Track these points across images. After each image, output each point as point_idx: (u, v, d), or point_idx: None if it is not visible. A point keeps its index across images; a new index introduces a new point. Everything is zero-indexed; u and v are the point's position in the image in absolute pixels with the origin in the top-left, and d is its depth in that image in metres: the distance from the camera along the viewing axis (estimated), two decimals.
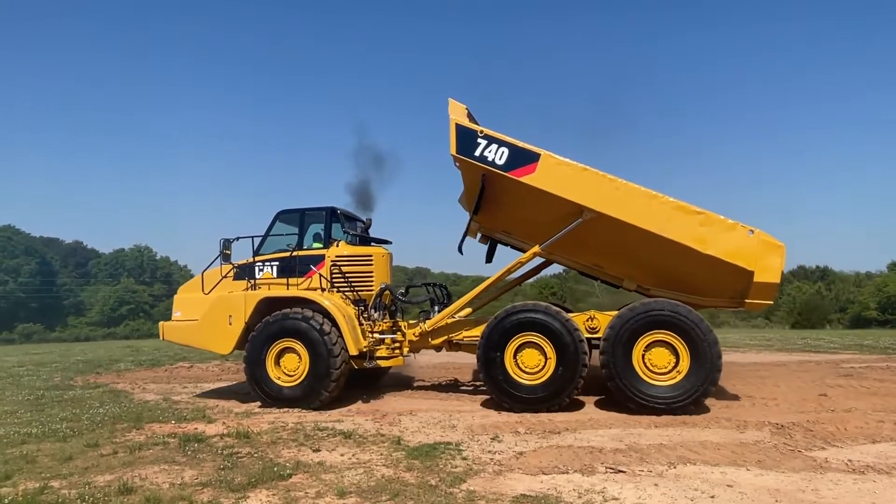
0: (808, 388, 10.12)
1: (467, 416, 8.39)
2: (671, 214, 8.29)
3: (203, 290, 10.11)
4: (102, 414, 8.93)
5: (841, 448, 6.33)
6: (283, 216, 10.27)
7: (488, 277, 9.95)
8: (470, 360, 14.20)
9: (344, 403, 9.49)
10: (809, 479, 5.28)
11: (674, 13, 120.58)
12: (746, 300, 8.46)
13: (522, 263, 9.60)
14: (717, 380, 8.20)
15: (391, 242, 11.29)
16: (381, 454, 6.42)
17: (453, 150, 8.81)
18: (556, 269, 11.07)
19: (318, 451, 6.62)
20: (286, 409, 9.04)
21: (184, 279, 69.72)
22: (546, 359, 8.53)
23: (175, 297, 10.65)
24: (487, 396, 9.95)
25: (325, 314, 9.22)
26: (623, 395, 8.27)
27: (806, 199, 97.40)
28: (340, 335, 9.07)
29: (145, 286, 63.40)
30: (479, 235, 10.40)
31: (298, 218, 10.19)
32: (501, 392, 8.65)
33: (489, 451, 6.47)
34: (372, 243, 10.84)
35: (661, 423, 7.67)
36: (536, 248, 9.22)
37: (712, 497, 4.90)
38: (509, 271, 9.74)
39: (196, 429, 7.81)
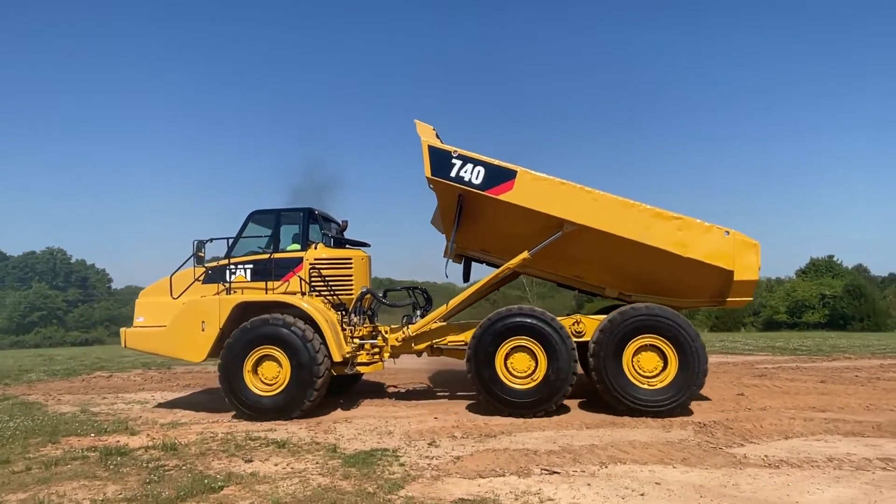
0: (727, 388, 10.67)
1: (403, 422, 8.36)
2: (650, 222, 8.41)
3: (171, 295, 9.50)
4: (13, 428, 8.35)
5: (758, 444, 6.71)
6: (257, 217, 9.78)
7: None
8: (407, 365, 14.26)
9: None
10: (730, 475, 5.57)
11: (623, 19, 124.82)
12: (728, 299, 8.71)
13: (510, 269, 9.33)
14: (702, 384, 8.40)
15: (369, 245, 10.95)
16: (317, 463, 6.31)
17: (428, 173, 8.62)
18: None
19: (250, 461, 6.42)
20: (216, 420, 8.73)
21: (101, 284, 65.60)
22: (536, 363, 8.53)
23: (137, 301, 9.95)
24: (423, 402, 9.98)
25: (307, 319, 8.89)
26: (612, 397, 8.37)
27: (722, 205, 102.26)
28: (324, 341, 8.75)
29: (59, 291, 59.68)
30: (453, 255, 10.17)
31: (273, 219, 9.71)
32: (492, 396, 8.57)
33: (426, 457, 6.47)
34: (347, 245, 10.53)
35: (591, 423, 7.91)
36: (525, 254, 8.99)
37: (642, 495, 5.09)
38: (496, 276, 9.58)
39: (118, 441, 7.43)
